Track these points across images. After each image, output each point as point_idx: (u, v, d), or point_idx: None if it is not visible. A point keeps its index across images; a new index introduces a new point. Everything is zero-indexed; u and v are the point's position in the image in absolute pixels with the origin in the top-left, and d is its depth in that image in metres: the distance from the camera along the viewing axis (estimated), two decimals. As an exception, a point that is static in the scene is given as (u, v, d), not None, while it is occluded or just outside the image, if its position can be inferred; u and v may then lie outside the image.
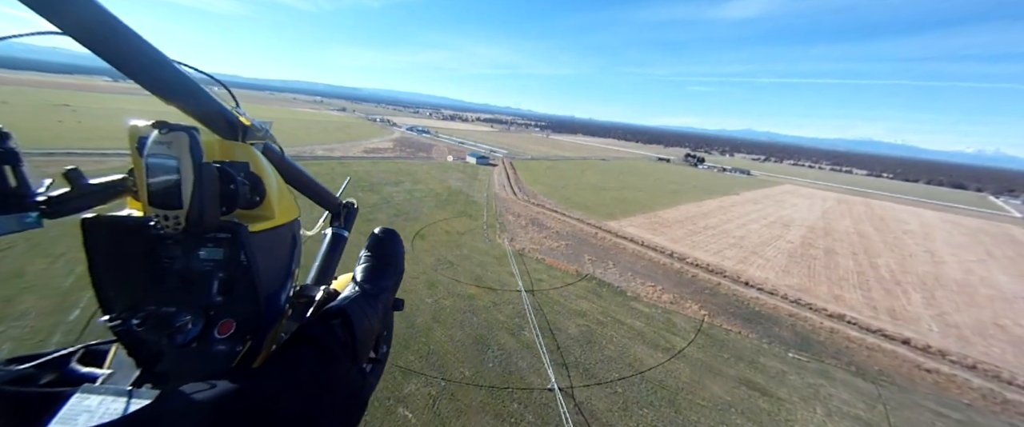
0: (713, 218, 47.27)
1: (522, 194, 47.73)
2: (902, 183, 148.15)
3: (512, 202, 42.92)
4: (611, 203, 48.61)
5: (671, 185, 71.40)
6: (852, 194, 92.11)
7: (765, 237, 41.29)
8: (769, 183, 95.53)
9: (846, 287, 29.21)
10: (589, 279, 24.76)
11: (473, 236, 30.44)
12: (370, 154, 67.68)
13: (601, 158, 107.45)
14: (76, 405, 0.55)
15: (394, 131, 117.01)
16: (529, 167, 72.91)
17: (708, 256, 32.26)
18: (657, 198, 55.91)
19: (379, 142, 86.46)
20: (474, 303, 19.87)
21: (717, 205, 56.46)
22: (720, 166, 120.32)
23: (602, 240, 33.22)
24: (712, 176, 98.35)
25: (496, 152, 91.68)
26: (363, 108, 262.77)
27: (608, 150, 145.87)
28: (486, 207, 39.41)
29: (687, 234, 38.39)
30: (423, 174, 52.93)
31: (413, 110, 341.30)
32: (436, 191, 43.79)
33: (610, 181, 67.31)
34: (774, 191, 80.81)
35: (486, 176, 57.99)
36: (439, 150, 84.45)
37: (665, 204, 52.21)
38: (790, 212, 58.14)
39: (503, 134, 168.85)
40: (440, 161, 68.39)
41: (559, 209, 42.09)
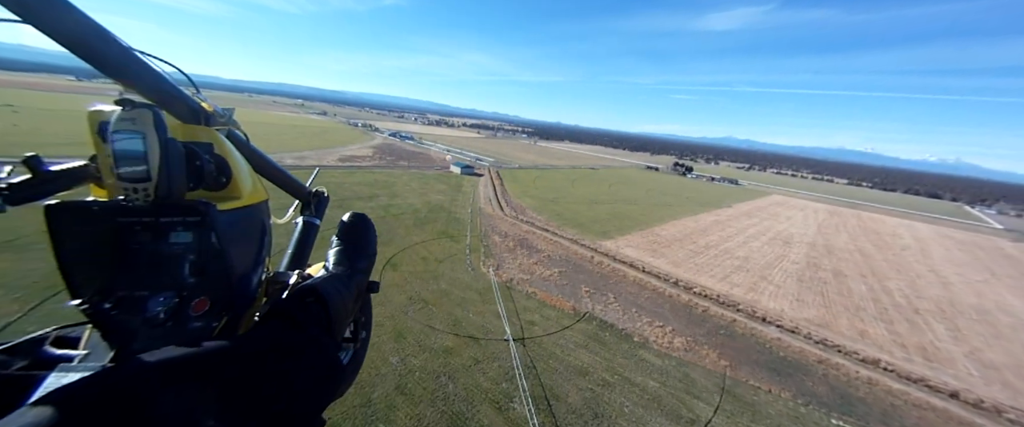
0: (712, 235, 44.60)
1: (510, 209, 44.07)
2: (882, 192, 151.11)
3: (499, 219, 39.18)
4: (605, 219, 45.43)
5: (664, 197, 69.03)
6: (840, 205, 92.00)
7: (769, 257, 38.70)
8: (758, 194, 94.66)
9: (867, 319, 26.49)
10: (589, 319, 21.18)
11: (454, 263, 26.54)
12: (346, 162, 62.96)
13: (590, 167, 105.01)
14: (54, 383, 0.56)
15: (375, 137, 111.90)
16: (517, 177, 69.45)
17: (715, 283, 29.19)
18: (652, 212, 53.13)
19: (357, 149, 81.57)
20: (451, 361, 15.99)
21: (713, 220, 54.05)
22: (708, 175, 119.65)
23: (599, 265, 29.78)
24: (702, 186, 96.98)
25: (482, 160, 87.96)
26: (345, 112, 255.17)
27: (596, 158, 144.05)
28: (470, 226, 35.56)
29: (689, 255, 35.38)
30: (402, 186, 48.74)
31: (398, 114, 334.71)
32: (415, 207, 39.70)
33: (601, 193, 64.40)
34: (765, 203, 79.53)
35: (471, 188, 54.16)
36: (422, 158, 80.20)
37: (661, 219, 49.40)
38: (787, 226, 56.25)
39: (490, 140, 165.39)
40: (422, 171, 64.20)
41: (550, 227, 38.58)
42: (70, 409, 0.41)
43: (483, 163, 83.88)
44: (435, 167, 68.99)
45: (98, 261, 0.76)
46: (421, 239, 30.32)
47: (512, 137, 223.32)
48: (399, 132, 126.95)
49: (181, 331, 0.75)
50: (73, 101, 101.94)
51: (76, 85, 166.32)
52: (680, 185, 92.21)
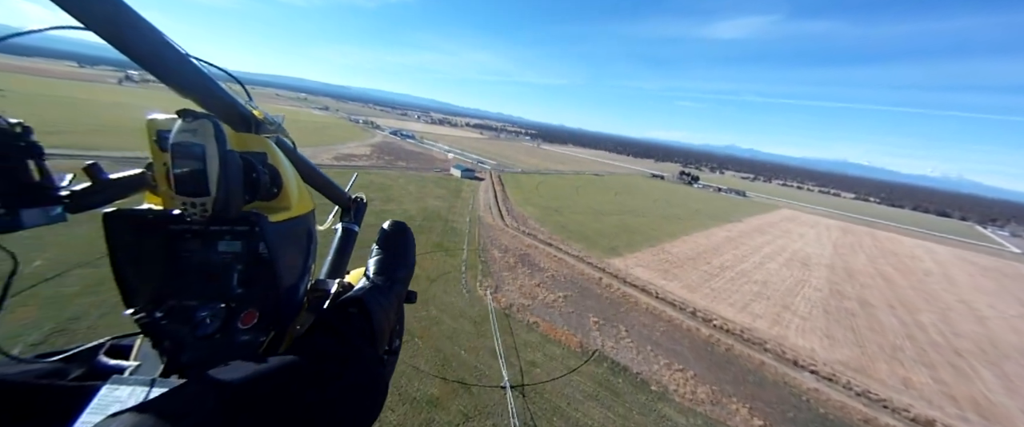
0: (726, 254, 41.80)
1: (511, 219, 41.30)
2: (890, 208, 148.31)
3: (499, 231, 36.40)
4: (612, 232, 42.63)
5: (671, 208, 66.22)
6: (852, 222, 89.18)
7: (789, 282, 35.89)
8: (767, 207, 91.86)
9: (907, 363, 23.67)
10: (599, 360, 18.38)
11: (448, 284, 23.78)
12: (341, 162, 60.25)
13: (595, 173, 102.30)
14: (106, 396, 0.57)
15: (375, 135, 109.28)
16: (519, 182, 66.70)
17: (736, 313, 26.39)
18: (660, 226, 50.34)
19: (356, 147, 78.94)
20: (436, 418, 13.21)
21: (725, 236, 51.25)
22: (715, 185, 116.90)
23: (608, 289, 26.99)
24: (709, 197, 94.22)
25: (484, 163, 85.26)
26: (348, 108, 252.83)
27: (601, 164, 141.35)
28: (468, 238, 32.80)
29: (703, 278, 32.58)
30: (398, 190, 46.00)
31: (401, 112, 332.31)
32: (410, 214, 36.94)
33: (607, 202, 61.62)
34: (776, 217, 76.70)
35: (471, 193, 51.43)
36: (422, 159, 77.50)
37: (671, 234, 46.60)
38: (801, 245, 53.42)
39: (492, 142, 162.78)
40: (421, 173, 61.47)
41: (554, 240, 35.80)
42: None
43: (485, 166, 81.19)
44: (435, 169, 66.31)
45: (151, 270, 0.77)
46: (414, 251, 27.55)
47: (515, 139, 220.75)
48: (400, 130, 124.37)
49: (230, 344, 0.76)
50: (70, 88, 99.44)
51: (77, 71, 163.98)
52: (687, 195, 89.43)
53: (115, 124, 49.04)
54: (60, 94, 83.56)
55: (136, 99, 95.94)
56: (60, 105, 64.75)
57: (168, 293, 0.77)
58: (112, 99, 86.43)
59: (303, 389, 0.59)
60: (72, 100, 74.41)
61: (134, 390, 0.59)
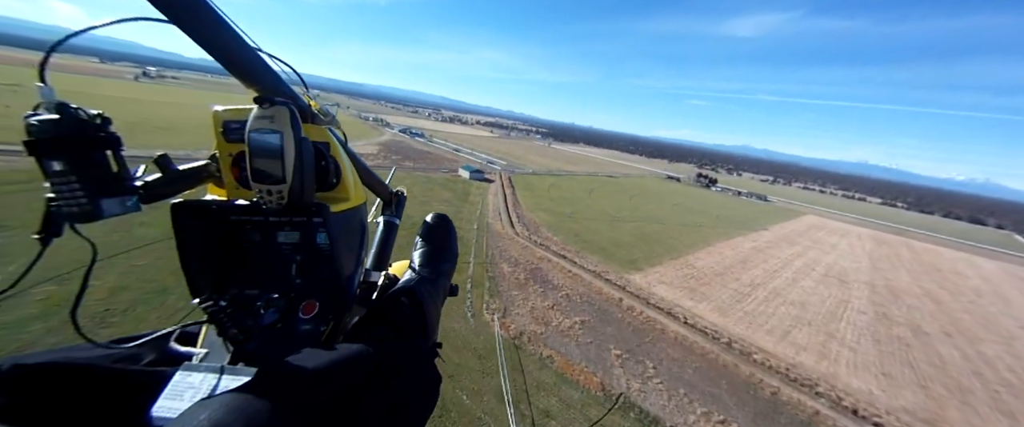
0: (755, 268, 38.40)
1: (522, 226, 38.59)
2: (920, 215, 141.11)
3: (509, 241, 33.74)
4: (630, 242, 39.59)
5: (691, 214, 62.63)
6: (883, 230, 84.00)
7: (828, 302, 32.44)
8: (792, 213, 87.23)
9: (982, 410, 20.30)
10: (624, 408, 15.60)
11: (451, 305, 21.21)
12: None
13: (608, 174, 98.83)
14: (180, 382, 0.59)
15: (384, 133, 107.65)
16: (530, 185, 63.90)
17: (776, 343, 23.27)
18: (682, 234, 47.03)
19: (363, 145, 77.11)
20: (428, 497, 10.54)
21: (751, 246, 47.69)
22: (734, 189, 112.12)
23: (630, 312, 24.11)
24: (729, 202, 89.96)
25: (494, 164, 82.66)
26: (359, 105, 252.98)
27: (613, 164, 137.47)
28: (475, 249, 30.24)
29: (734, 298, 29.42)
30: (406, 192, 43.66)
31: (412, 109, 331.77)
32: (414, 220, 33.99)
33: (623, 207, 58.40)
34: (802, 225, 72.34)
35: (479, 196, 48.88)
36: (430, 159, 75.25)
37: (693, 244, 43.31)
38: (835, 258, 49.50)
39: (503, 140, 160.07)
40: (428, 174, 59.16)
41: (568, 252, 32.99)
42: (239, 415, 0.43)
43: (494, 166, 78.57)
44: (442, 169, 63.94)
45: (215, 259, 0.79)
46: (414, 266, 25.13)
47: (526, 137, 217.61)
48: (409, 128, 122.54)
49: (292, 333, 0.76)
50: (93, 84, 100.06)
51: (98, 67, 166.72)
52: (706, 200, 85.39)
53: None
54: (76, 90, 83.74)
55: (156, 96, 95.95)
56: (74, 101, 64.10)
57: (230, 283, 0.79)
58: (129, 96, 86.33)
59: (373, 379, 0.61)
60: (88, 96, 74.23)
61: (206, 377, 0.61)
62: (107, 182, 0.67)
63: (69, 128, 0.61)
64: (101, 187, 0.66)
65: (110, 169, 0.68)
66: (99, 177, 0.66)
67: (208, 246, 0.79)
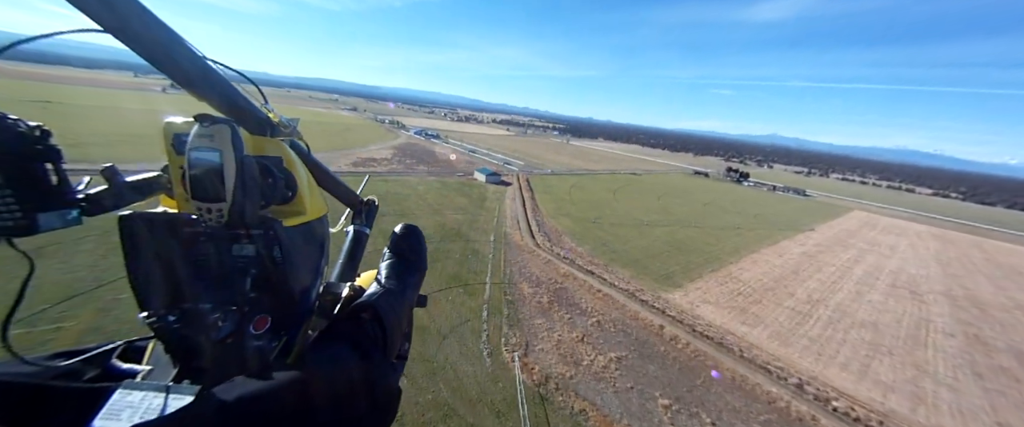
0: (809, 279, 33.78)
1: (543, 235, 35.35)
2: (978, 207, 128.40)
3: (530, 254, 30.58)
4: (664, 251, 35.67)
5: (726, 214, 57.60)
6: (943, 226, 75.77)
7: (905, 322, 27.70)
8: (837, 209, 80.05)
9: None
10: (684, 491, 12.22)
11: (465, 341, 18.35)
12: (360, 167, 56.60)
13: (631, 172, 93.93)
14: (119, 400, 0.57)
15: (399, 135, 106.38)
16: (550, 186, 60.45)
17: (855, 382, 19.22)
18: (719, 239, 42.57)
19: (378, 149, 75.66)
20: None
21: (800, 251, 42.70)
22: (768, 183, 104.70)
23: (674, 345, 20.55)
24: (764, 198, 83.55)
25: (510, 164, 79.58)
26: (375, 108, 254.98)
27: (636, 160, 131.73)
28: (491, 264, 27.27)
29: (793, 320, 25.27)
30: (415, 200, 41.25)
31: (428, 110, 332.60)
32: (426, 232, 31.48)
33: (651, 209, 54.13)
34: (852, 223, 65.75)
35: (496, 201, 45.94)
36: (445, 162, 72.90)
37: (734, 250, 38.90)
38: (899, 263, 43.78)
39: (519, 139, 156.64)
40: (442, 178, 56.67)
41: (596, 266, 29.56)
42: None
43: (511, 167, 75.48)
44: (457, 173, 61.34)
45: (166, 273, 0.77)
46: (424, 290, 22.35)
47: (543, 135, 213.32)
48: (425, 130, 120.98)
49: (242, 349, 0.75)
50: (115, 98, 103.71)
51: (130, 81, 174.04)
52: (739, 197, 79.45)
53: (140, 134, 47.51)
54: (100, 104, 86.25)
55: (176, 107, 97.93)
56: (97, 116, 65.61)
57: (182, 297, 0.76)
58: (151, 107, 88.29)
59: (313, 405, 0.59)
60: (111, 110, 75.91)
61: (146, 395, 0.59)
62: (46, 195, 0.66)
63: (5, 141, 0.60)
64: (39, 200, 0.64)
65: (49, 182, 0.66)
66: (37, 190, 0.64)
67: (158, 259, 0.76)
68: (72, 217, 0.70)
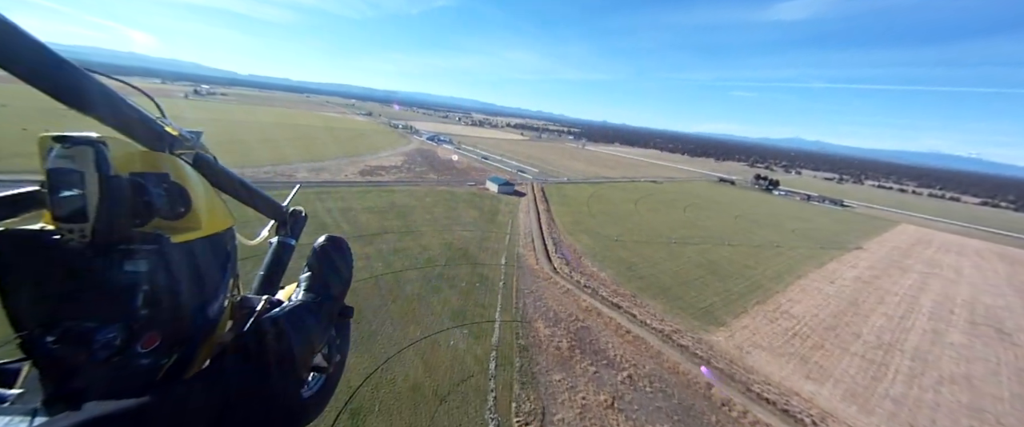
0: (873, 314, 28.98)
1: (560, 258, 31.64)
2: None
3: (546, 281, 26.90)
4: (700, 277, 31.42)
5: (761, 229, 52.56)
6: (1005, 242, 68.21)
7: (1004, 373, 22.80)
8: (882, 222, 73.43)
9: None
10: None
11: (467, 406, 14.85)
12: (367, 176, 54.15)
13: (652, 180, 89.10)
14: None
15: (412, 141, 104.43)
16: (566, 197, 56.64)
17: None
18: (759, 261, 37.91)
19: (388, 156, 73.39)
20: None
21: (853, 276, 37.63)
22: (801, 192, 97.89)
23: (727, 413, 16.50)
24: (800, 210, 77.51)
25: (524, 172, 76.14)
26: (390, 112, 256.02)
27: (655, 166, 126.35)
28: (502, 297, 23.74)
29: (867, 374, 20.82)
30: (421, 214, 38.14)
31: (442, 114, 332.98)
32: (430, 254, 28.71)
33: (678, 223, 49.67)
34: (901, 239, 59.53)
35: (509, 215, 42.48)
36: (456, 169, 70.02)
37: (778, 275, 34.28)
38: (969, 291, 38.13)
39: (534, 144, 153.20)
40: (452, 188, 53.63)
41: (623, 297, 25.68)
42: None
43: (525, 176, 72.01)
44: (469, 182, 58.21)
45: (41, 292, 0.73)
46: (422, 331, 19.00)
47: (558, 139, 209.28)
48: (438, 135, 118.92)
49: (126, 368, 0.72)
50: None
51: (158, 87, 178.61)
52: (772, 208, 73.77)
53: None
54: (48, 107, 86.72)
55: (195, 113, 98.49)
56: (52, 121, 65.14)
57: (61, 316, 0.72)
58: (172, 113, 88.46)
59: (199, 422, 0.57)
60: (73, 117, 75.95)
61: (11, 421, 0.55)
62: None
63: None
64: None
65: None
66: None
67: (37, 277, 0.73)
68: None
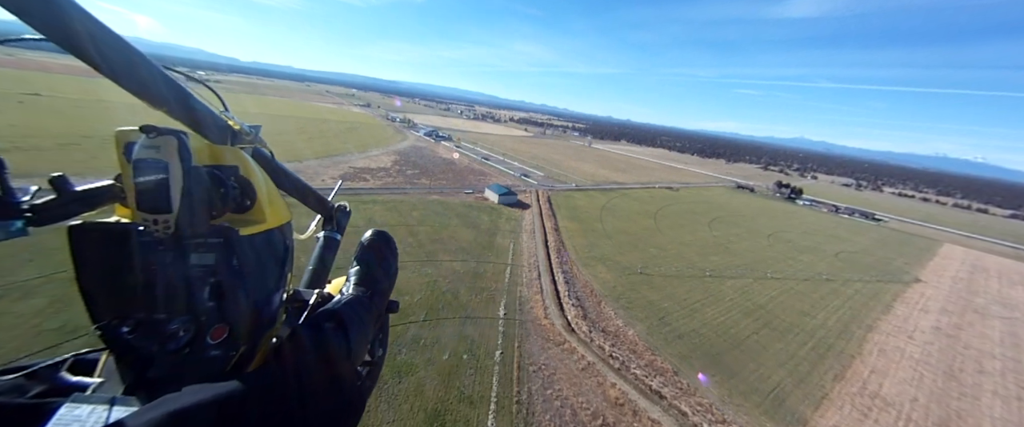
0: (983, 393, 22.22)
1: (574, 303, 24.81)
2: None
3: (559, 350, 20.06)
4: (752, 335, 24.58)
5: (802, 254, 45.53)
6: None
7: None
8: (923, 242, 66.32)
9: None
10: None
11: None
12: (348, 180, 47.23)
13: (667, 186, 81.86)
14: (66, 415, 0.55)
15: (407, 137, 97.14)
16: (577, 210, 49.63)
17: None
18: (814, 302, 31.06)
19: (377, 155, 66.33)
20: None
21: (930, 325, 30.78)
22: (826, 202, 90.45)
23: None
24: (831, 224, 70.39)
25: (529, 176, 69.03)
26: (390, 104, 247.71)
27: (666, 169, 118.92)
28: (498, 379, 16.99)
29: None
30: (404, 238, 31.26)
31: (444, 107, 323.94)
32: (406, 300, 21.94)
33: (706, 244, 42.70)
34: (953, 264, 52.48)
35: (510, 234, 35.64)
36: (452, 173, 62.95)
37: (843, 327, 27.47)
38: (1072, 345, 31.23)
39: (538, 142, 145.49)
40: (445, 198, 46.66)
41: (662, 376, 18.92)
42: None
43: (530, 180, 64.94)
44: (465, 190, 51.19)
45: (119, 283, 0.75)
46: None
47: (563, 135, 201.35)
48: (436, 130, 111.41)
49: (198, 359, 0.73)
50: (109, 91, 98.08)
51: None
52: (802, 222, 66.61)
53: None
54: (97, 98, 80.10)
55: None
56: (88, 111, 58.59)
57: (136, 307, 0.74)
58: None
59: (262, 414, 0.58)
60: (102, 105, 69.20)
61: (95, 409, 0.57)
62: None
63: None
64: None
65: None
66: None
67: (112, 269, 0.74)
68: (16, 228, 0.67)
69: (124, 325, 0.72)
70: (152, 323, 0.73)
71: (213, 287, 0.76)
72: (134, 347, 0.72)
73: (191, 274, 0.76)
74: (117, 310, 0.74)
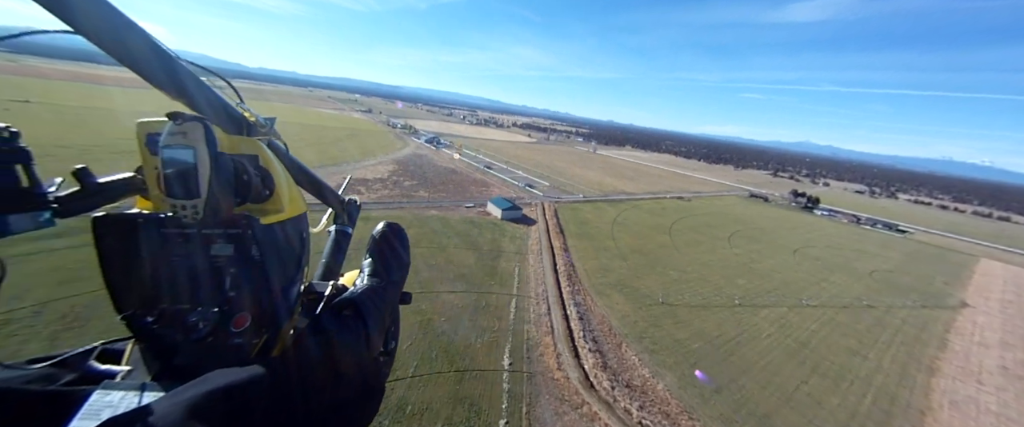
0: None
1: (591, 347, 21.25)
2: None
3: (575, 416, 16.47)
4: (802, 385, 20.89)
5: (833, 274, 41.73)
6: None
7: None
8: (958, 257, 62.17)
9: None
10: None
11: None
12: (344, 191, 43.87)
13: (677, 196, 78.21)
14: (97, 401, 0.57)
15: (408, 144, 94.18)
16: (586, 225, 46.10)
17: None
18: (863, 339, 27.31)
19: (375, 165, 63.25)
20: None
21: (996, 364, 26.94)
22: (847, 212, 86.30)
23: None
24: (855, 236, 66.42)
25: (534, 186, 65.61)
26: (391, 110, 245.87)
27: (675, 176, 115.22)
28: (503, 468, 13.44)
29: None
30: (396, 263, 27.77)
31: (447, 112, 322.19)
32: (399, 347, 18.33)
33: (730, 265, 38.99)
34: (999, 286, 48.39)
35: (515, 257, 32.17)
36: (453, 184, 59.66)
37: (902, 370, 23.75)
38: None
39: (542, 148, 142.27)
40: (445, 213, 43.30)
41: (704, 450, 15.27)
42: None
43: (535, 191, 61.50)
44: (467, 203, 47.85)
45: (142, 274, 0.77)
46: None
47: (566, 140, 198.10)
48: (437, 137, 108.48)
49: (222, 347, 0.75)
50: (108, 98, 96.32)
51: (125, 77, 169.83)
52: (824, 236, 62.67)
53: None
54: (88, 105, 77.80)
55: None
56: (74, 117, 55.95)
57: (160, 297, 0.76)
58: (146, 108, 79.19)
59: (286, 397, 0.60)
60: (94, 110, 66.76)
61: (125, 395, 0.59)
62: (16, 197, 0.66)
63: None
64: (9, 202, 0.64)
65: (20, 184, 0.66)
66: (7, 192, 0.64)
67: (134, 260, 0.76)
68: (44, 219, 0.70)
69: (149, 315, 0.74)
70: (176, 312, 0.75)
71: (235, 276, 0.78)
72: (159, 336, 0.74)
73: (214, 263, 0.77)
74: (141, 300, 0.76)
